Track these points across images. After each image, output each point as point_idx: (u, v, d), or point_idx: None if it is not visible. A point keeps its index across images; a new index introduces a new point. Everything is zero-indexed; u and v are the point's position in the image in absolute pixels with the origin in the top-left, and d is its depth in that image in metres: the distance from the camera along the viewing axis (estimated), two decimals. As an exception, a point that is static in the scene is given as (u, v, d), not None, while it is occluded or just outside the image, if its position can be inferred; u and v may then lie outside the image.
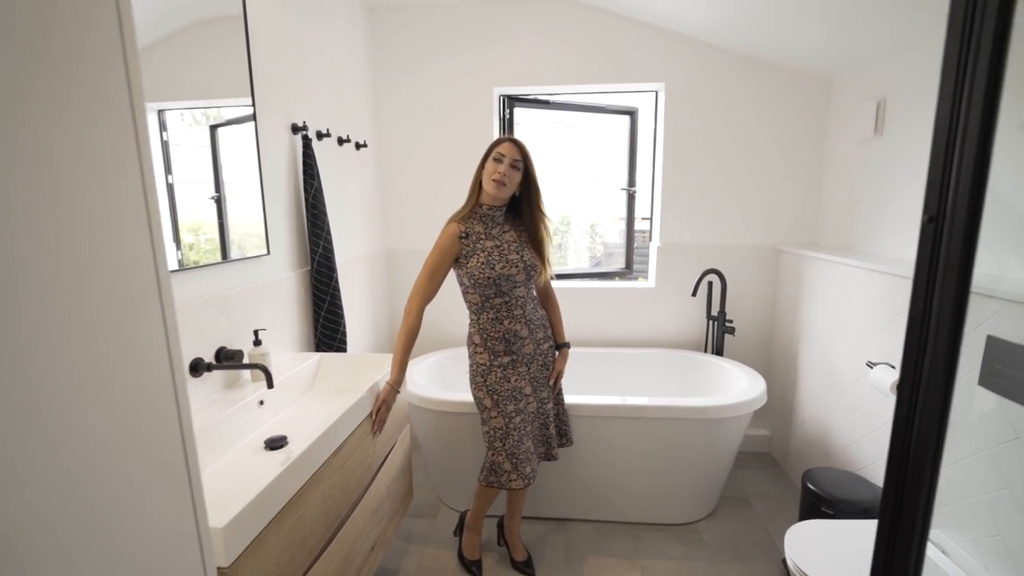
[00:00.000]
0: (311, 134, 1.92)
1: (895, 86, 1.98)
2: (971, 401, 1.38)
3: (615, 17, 2.46)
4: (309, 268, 1.90)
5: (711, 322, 2.58)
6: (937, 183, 0.64)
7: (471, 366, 1.71)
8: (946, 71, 0.62)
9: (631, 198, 2.90)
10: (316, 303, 1.90)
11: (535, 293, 1.76)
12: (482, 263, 1.59)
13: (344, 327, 1.96)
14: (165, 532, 0.61)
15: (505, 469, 1.68)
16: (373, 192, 2.63)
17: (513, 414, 1.67)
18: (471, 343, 1.69)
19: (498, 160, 1.58)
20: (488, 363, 1.66)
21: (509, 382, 1.66)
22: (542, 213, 1.68)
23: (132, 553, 0.56)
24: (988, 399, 1.31)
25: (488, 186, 1.58)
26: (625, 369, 2.62)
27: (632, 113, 2.84)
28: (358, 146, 2.37)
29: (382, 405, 1.53)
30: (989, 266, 1.48)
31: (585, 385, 2.51)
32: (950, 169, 0.63)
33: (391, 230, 2.76)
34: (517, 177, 1.60)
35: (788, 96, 2.45)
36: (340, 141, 2.16)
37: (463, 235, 1.61)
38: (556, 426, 1.87)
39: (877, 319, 1.87)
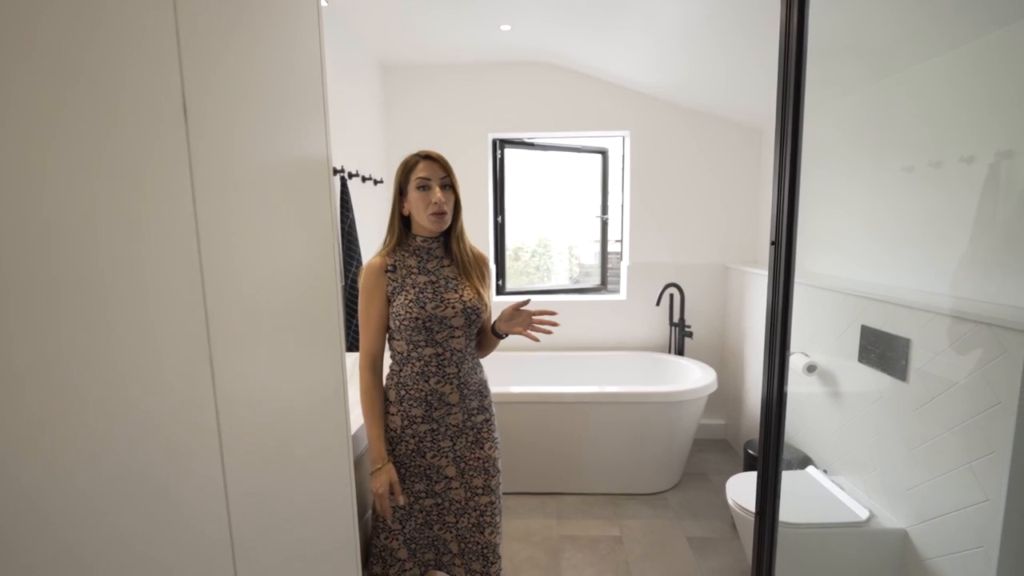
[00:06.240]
0: (345, 175, 2.35)
1: (804, 138, 2.53)
2: (854, 376, 1.88)
3: (589, 78, 2.99)
4: (343, 284, 2.31)
5: (673, 327, 3.07)
6: (775, 222, 1.12)
7: None
8: (776, 163, 1.11)
9: (604, 224, 3.41)
10: (348, 312, 2.31)
11: (475, 348, 1.41)
12: (410, 301, 1.28)
13: (371, 333, 2.37)
14: (333, 432, 1.03)
15: (399, 557, 1.36)
16: (387, 220, 3.07)
17: (423, 495, 1.35)
18: (385, 399, 1.36)
19: (423, 187, 1.29)
20: (400, 428, 1.33)
21: (424, 457, 1.34)
22: (465, 237, 1.39)
23: (327, 440, 0.98)
24: (864, 371, 1.80)
25: (426, 221, 1.30)
26: (602, 368, 3.07)
27: (604, 152, 3.37)
28: (375, 183, 2.81)
29: (383, 496, 1.27)
30: (829, 269, 2.00)
31: (569, 382, 2.95)
32: (783, 213, 1.11)
33: (399, 253, 3.19)
34: (452, 197, 1.32)
35: (729, 141, 3.00)
36: (363, 179, 2.60)
37: (389, 268, 1.33)
38: (479, 544, 1.37)
39: (796, 319, 2.38)
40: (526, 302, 1.34)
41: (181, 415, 0.59)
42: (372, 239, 2.80)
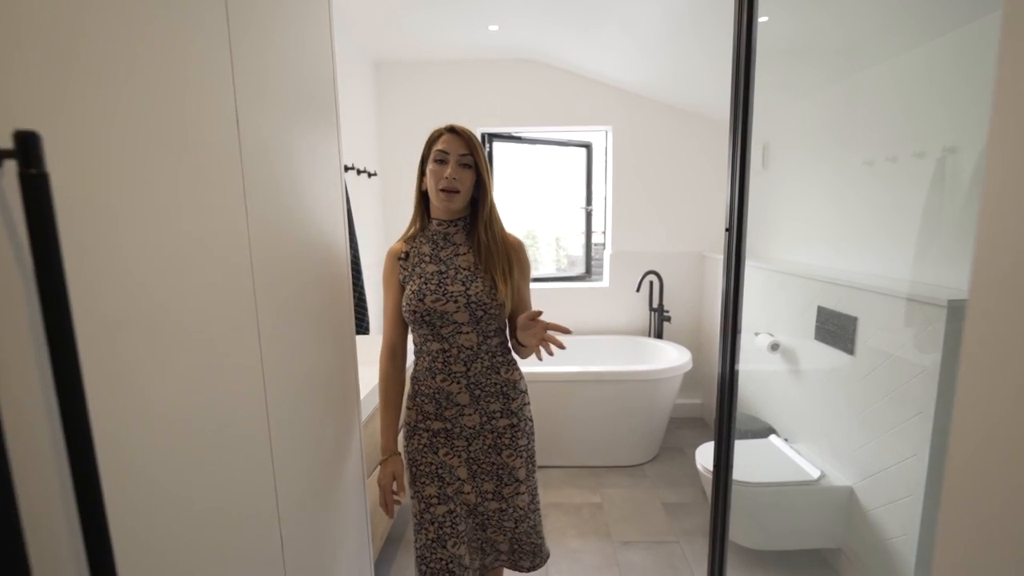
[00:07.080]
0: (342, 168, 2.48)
1: (773, 134, 2.71)
2: (812, 353, 2.06)
3: (573, 75, 3.14)
4: (341, 271, 2.45)
5: (653, 313, 3.25)
6: (728, 210, 1.29)
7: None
8: (729, 155, 1.28)
9: (588, 215, 3.57)
10: (347, 298, 2.45)
11: (500, 346, 1.29)
12: (412, 293, 1.22)
13: (367, 316, 2.51)
14: (347, 384, 1.18)
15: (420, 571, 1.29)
16: (379, 210, 3.20)
17: (434, 501, 1.25)
18: (407, 395, 1.34)
19: (441, 161, 1.19)
20: (414, 422, 1.29)
21: (436, 454, 1.26)
22: (495, 225, 1.27)
23: (343, 395, 1.13)
24: (820, 348, 1.99)
25: (436, 197, 1.21)
26: (587, 351, 3.25)
27: (587, 146, 3.52)
28: (369, 175, 2.93)
29: (386, 488, 1.27)
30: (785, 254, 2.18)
31: (555, 364, 3.12)
32: (735, 203, 1.28)
33: (393, 241, 3.33)
34: (470, 177, 1.21)
35: (706, 136, 3.17)
36: (358, 172, 2.73)
37: (402, 256, 1.28)
38: (512, 539, 1.32)
39: (762, 302, 2.57)
40: (540, 313, 1.19)
41: (238, 366, 0.74)
42: (365, 231, 2.93)
